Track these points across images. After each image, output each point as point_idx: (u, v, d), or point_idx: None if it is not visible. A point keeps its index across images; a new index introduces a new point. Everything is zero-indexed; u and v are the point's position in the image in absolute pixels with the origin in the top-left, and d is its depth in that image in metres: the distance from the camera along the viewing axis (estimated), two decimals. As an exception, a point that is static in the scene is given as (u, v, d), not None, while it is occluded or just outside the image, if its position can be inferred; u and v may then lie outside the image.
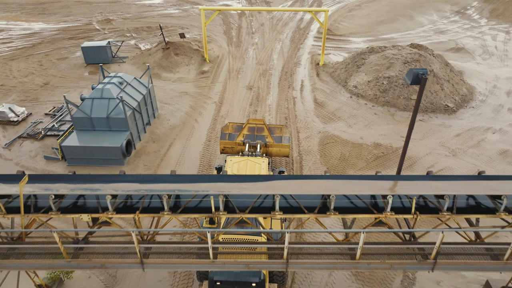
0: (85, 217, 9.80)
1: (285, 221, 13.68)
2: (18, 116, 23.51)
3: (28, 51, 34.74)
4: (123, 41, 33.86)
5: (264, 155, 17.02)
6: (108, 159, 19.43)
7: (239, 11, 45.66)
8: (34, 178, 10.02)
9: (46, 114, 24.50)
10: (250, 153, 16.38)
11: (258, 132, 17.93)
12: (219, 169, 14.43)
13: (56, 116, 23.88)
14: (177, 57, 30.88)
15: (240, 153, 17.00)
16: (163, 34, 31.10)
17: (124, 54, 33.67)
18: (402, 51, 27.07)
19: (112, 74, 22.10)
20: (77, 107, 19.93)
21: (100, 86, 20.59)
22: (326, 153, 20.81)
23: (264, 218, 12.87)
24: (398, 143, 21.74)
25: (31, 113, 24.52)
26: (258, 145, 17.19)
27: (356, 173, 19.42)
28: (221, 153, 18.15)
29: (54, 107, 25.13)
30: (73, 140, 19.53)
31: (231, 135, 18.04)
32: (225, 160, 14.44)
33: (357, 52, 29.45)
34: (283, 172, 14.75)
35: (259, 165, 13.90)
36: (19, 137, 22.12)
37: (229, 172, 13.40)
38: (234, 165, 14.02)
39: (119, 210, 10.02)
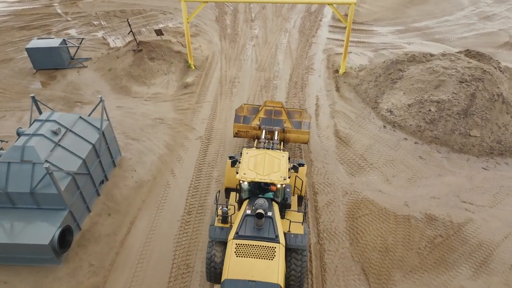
0: None
1: (305, 221, 12.37)
2: None
3: (-36, 49, 27.20)
4: (83, 38, 26.18)
5: (281, 142, 16.21)
6: (34, 258, 12.94)
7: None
8: None
9: (-35, 159, 17.67)
10: (266, 141, 15.52)
11: (275, 116, 16.65)
12: (234, 161, 12.97)
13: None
14: (153, 63, 23.48)
15: (256, 140, 16.29)
16: (133, 32, 23.48)
17: (87, 54, 26.16)
18: (457, 64, 19.75)
19: (43, 115, 15.04)
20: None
21: (21, 141, 13.68)
22: (358, 237, 14.25)
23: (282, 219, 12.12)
24: (459, 213, 15.14)
25: None
26: (276, 132, 16.07)
27: (407, 277, 13.00)
28: (234, 136, 17.16)
29: (-21, 147, 18.25)
30: (-22, 231, 12.93)
31: (246, 118, 16.86)
32: (241, 153, 13.03)
33: (391, 60, 22.05)
34: (302, 165, 13.36)
35: (279, 160, 12.48)
36: None
37: (245, 167, 12.12)
38: (251, 159, 12.49)
39: None
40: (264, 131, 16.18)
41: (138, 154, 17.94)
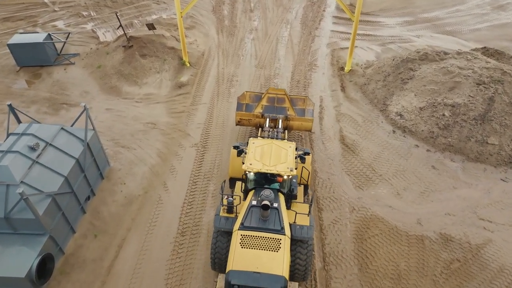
0: None
1: (310, 212, 11.91)
2: None
3: None
4: (69, 33, 24.40)
5: (285, 130, 16.16)
6: (11, 289, 11.76)
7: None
8: None
9: None
10: (270, 129, 15.30)
11: (278, 103, 16.32)
12: (240, 151, 12.87)
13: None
14: (144, 60, 21.86)
15: (260, 128, 16.05)
16: (122, 27, 21.77)
17: (75, 48, 24.47)
18: (474, 63, 18.19)
19: (20, 128, 13.58)
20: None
21: (-6, 159, 12.30)
22: (368, 262, 13.05)
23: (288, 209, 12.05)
24: (477, 233, 13.90)
25: None
26: (280, 121, 15.82)
27: (421, 309, 11.85)
28: (236, 125, 16.98)
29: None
30: None
31: (249, 106, 16.52)
32: (247, 143, 12.91)
33: (401, 58, 20.44)
34: (308, 153, 13.30)
35: (286, 151, 12.35)
36: None
37: (251, 157, 12.03)
38: (257, 149, 12.37)
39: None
40: (267, 119, 15.87)
41: (128, 164, 16.58)
